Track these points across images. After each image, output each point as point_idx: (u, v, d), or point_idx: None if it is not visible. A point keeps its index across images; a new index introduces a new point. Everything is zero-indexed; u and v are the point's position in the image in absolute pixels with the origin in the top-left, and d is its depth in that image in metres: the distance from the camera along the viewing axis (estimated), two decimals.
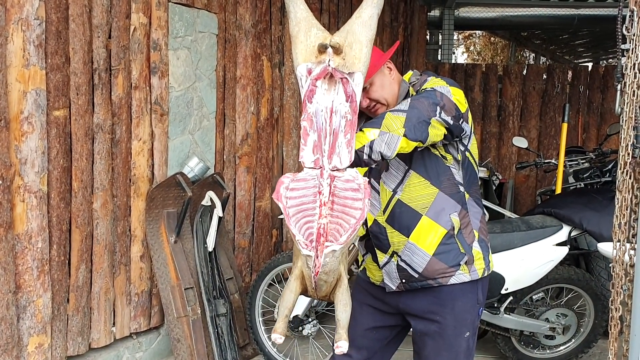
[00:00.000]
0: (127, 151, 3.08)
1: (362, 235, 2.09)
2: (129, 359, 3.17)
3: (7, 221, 2.45)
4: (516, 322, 3.37)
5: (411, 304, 2.01)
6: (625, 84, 1.99)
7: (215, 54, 3.70)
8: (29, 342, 2.60)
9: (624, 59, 1.99)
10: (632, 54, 1.95)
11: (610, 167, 4.74)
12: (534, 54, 13.57)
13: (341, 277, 1.56)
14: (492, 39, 14.07)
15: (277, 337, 1.53)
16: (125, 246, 3.12)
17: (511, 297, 3.32)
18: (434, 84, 1.89)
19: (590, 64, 10.30)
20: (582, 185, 4.76)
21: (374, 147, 1.70)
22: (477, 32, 13.99)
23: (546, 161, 4.94)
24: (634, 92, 1.95)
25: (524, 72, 6.98)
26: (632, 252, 2.03)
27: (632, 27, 1.96)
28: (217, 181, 3.52)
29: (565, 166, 4.79)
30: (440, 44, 7.84)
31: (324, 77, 1.52)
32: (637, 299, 1.95)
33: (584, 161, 4.96)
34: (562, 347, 3.55)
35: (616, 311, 2.07)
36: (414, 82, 2.00)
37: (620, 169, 2.02)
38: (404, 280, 1.98)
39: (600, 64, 12.35)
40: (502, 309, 3.31)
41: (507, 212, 4.57)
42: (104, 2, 2.86)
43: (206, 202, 3.39)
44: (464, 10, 7.79)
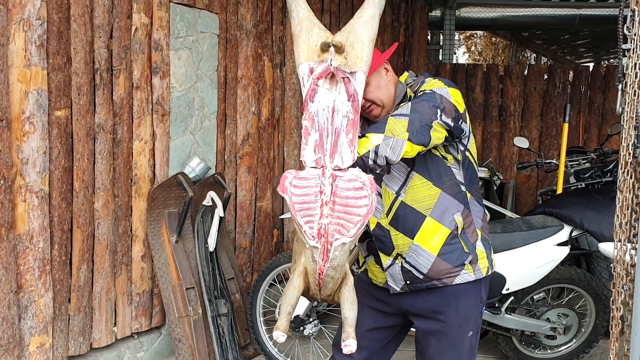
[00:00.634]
0: (128, 151, 3.09)
1: (363, 236, 2.08)
2: (130, 359, 3.17)
3: (9, 221, 2.45)
4: (517, 322, 3.37)
5: (415, 304, 2.00)
6: (626, 84, 1.99)
7: (216, 54, 3.70)
8: (31, 341, 2.61)
9: (625, 59, 1.99)
10: (633, 54, 1.95)
11: (611, 167, 4.74)
12: (535, 54, 13.57)
13: (347, 275, 1.54)
14: (493, 39, 14.07)
15: (280, 334, 1.47)
16: (126, 246, 3.13)
17: (512, 297, 3.32)
18: (432, 85, 1.89)
19: (591, 64, 10.31)
20: (583, 185, 4.76)
21: (379, 151, 1.70)
22: (478, 32, 14.00)
23: (547, 161, 4.94)
24: (635, 92, 1.95)
25: (525, 72, 6.98)
26: (633, 252, 2.03)
27: (633, 27, 1.96)
28: (218, 181, 3.52)
29: (566, 166, 4.79)
30: (441, 44, 7.86)
31: (326, 77, 1.52)
32: (638, 299, 1.95)
33: (585, 161, 4.96)
34: (563, 347, 3.54)
35: (617, 311, 2.07)
36: (410, 83, 1.99)
37: (621, 169, 2.02)
38: (408, 281, 1.97)
39: (601, 64, 12.37)
40: (503, 309, 3.31)
41: (508, 212, 4.56)
42: (105, 3, 2.86)
43: (207, 202, 3.39)
44: (465, 10, 7.80)
